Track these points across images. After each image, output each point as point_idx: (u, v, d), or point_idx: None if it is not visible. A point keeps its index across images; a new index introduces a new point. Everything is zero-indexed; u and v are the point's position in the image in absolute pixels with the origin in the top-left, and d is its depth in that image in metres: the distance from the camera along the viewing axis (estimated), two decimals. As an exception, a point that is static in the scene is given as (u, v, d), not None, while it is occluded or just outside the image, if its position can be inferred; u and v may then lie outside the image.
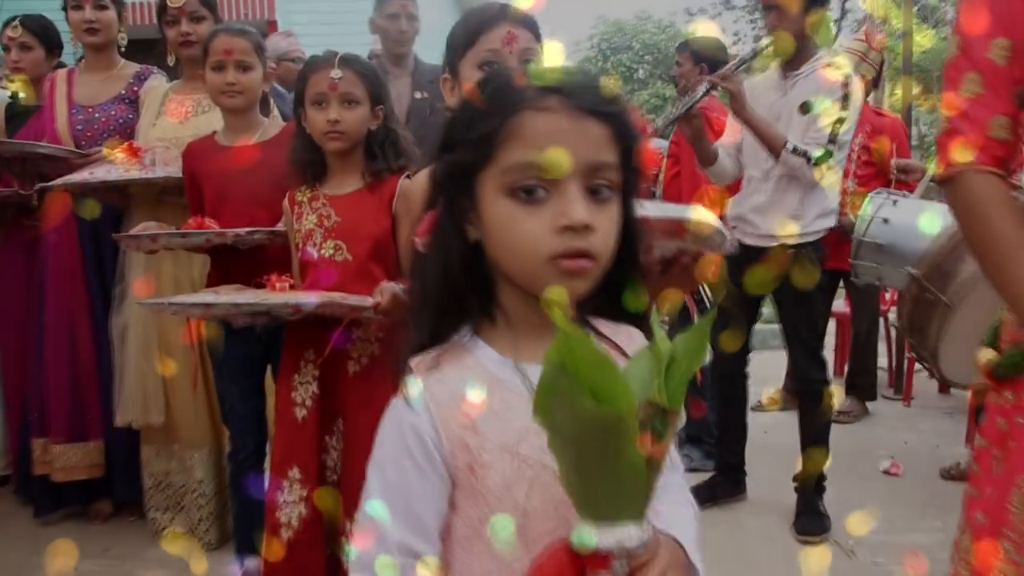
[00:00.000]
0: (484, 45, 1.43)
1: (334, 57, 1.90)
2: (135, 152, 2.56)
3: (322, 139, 1.90)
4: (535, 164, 0.80)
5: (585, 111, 0.82)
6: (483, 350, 0.87)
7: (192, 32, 2.66)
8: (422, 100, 3.22)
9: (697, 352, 0.78)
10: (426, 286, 0.89)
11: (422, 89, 3.26)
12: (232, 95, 2.22)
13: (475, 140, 0.84)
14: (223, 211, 2.24)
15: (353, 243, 1.89)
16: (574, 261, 0.80)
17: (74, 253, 2.87)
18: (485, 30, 1.43)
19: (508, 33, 1.42)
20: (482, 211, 0.85)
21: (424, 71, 3.34)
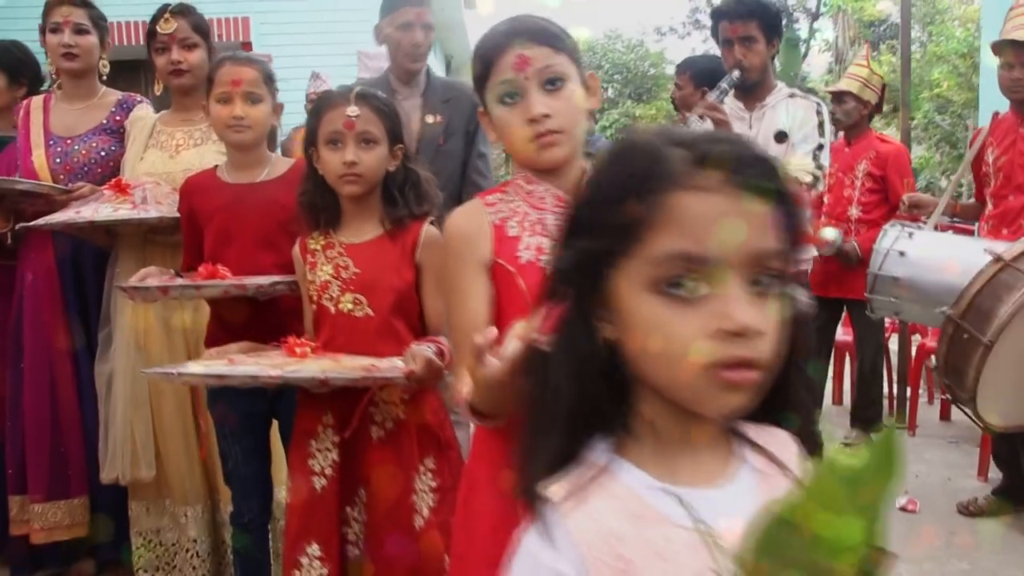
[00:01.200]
0: (497, 76, 1.30)
1: (350, 93, 1.75)
2: (124, 189, 2.38)
3: (337, 182, 1.75)
4: (690, 255, 0.67)
5: (747, 189, 0.68)
6: (630, 473, 0.73)
7: (183, 60, 2.49)
8: (434, 125, 2.81)
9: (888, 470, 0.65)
10: (552, 393, 0.75)
11: (435, 112, 2.82)
12: (240, 130, 2.06)
13: (612, 225, 0.70)
14: (225, 253, 2.08)
15: (374, 297, 1.73)
16: (737, 372, 0.67)
17: (54, 295, 2.66)
18: (495, 59, 1.30)
19: (518, 58, 1.27)
20: (620, 308, 0.71)
21: (436, 90, 2.88)
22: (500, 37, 1.31)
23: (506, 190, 1.38)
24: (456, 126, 2.80)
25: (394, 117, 1.78)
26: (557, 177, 1.33)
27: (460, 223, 1.34)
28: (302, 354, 1.57)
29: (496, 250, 1.30)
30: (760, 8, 2.78)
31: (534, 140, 1.28)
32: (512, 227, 1.32)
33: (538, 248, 1.30)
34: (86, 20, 2.71)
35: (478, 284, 1.30)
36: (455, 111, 2.79)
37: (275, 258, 2.07)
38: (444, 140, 2.78)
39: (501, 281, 1.30)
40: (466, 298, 1.30)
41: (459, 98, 2.81)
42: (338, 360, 1.57)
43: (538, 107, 1.27)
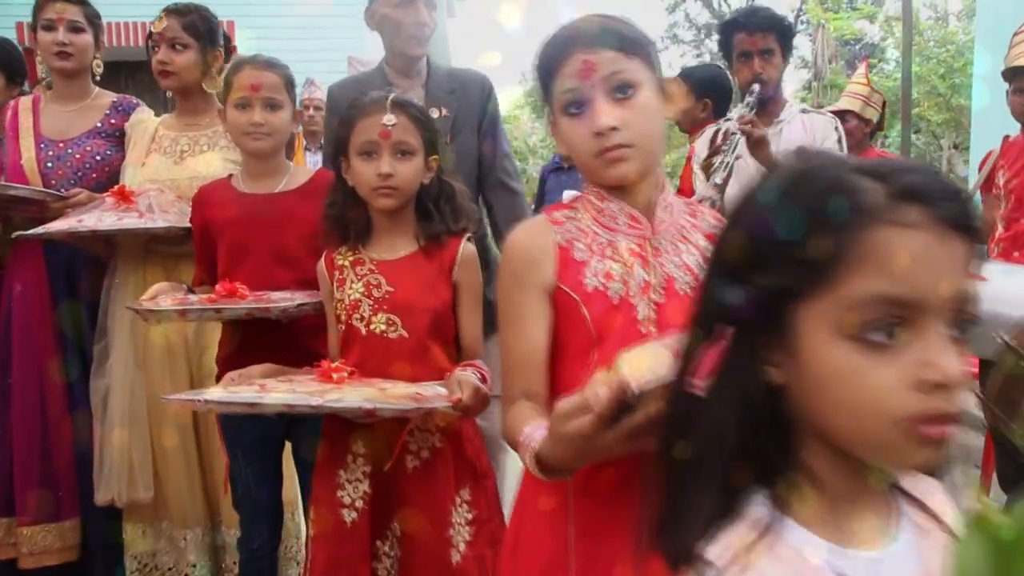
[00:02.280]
0: (560, 86, 1.21)
1: (385, 100, 1.66)
2: (127, 196, 2.26)
3: (371, 195, 1.65)
4: (893, 298, 0.61)
5: (950, 225, 0.62)
6: (796, 533, 0.66)
7: (169, 62, 2.38)
8: (439, 120, 2.44)
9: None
10: (711, 444, 0.67)
11: (439, 104, 2.45)
12: (258, 137, 1.96)
13: (798, 262, 0.63)
14: (240, 268, 1.98)
15: (409, 317, 1.63)
16: (936, 427, 0.61)
17: (45, 306, 2.52)
18: (557, 68, 1.21)
19: (583, 63, 1.17)
20: (800, 351, 0.64)
21: (440, 80, 2.51)
22: (564, 40, 1.22)
23: (575, 206, 1.28)
24: (465, 120, 2.45)
25: (430, 126, 1.69)
26: (630, 194, 1.24)
27: (523, 242, 1.25)
28: (339, 380, 1.46)
29: (560, 275, 1.21)
30: (777, 21, 2.72)
31: (600, 155, 1.19)
32: (579, 249, 1.23)
33: (607, 275, 1.21)
34: (81, 17, 2.59)
35: (538, 311, 1.21)
36: (463, 103, 2.46)
37: (293, 274, 1.97)
38: (452, 137, 2.41)
39: (563, 309, 1.21)
40: (524, 326, 1.21)
41: (466, 88, 2.47)
42: (376, 385, 1.46)
43: (604, 119, 1.17)
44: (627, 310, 1.20)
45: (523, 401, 1.19)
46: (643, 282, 1.20)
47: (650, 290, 1.21)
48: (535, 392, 1.20)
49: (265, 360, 1.90)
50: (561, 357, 1.23)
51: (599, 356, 1.20)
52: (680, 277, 1.22)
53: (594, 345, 1.20)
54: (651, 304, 1.21)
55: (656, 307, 1.21)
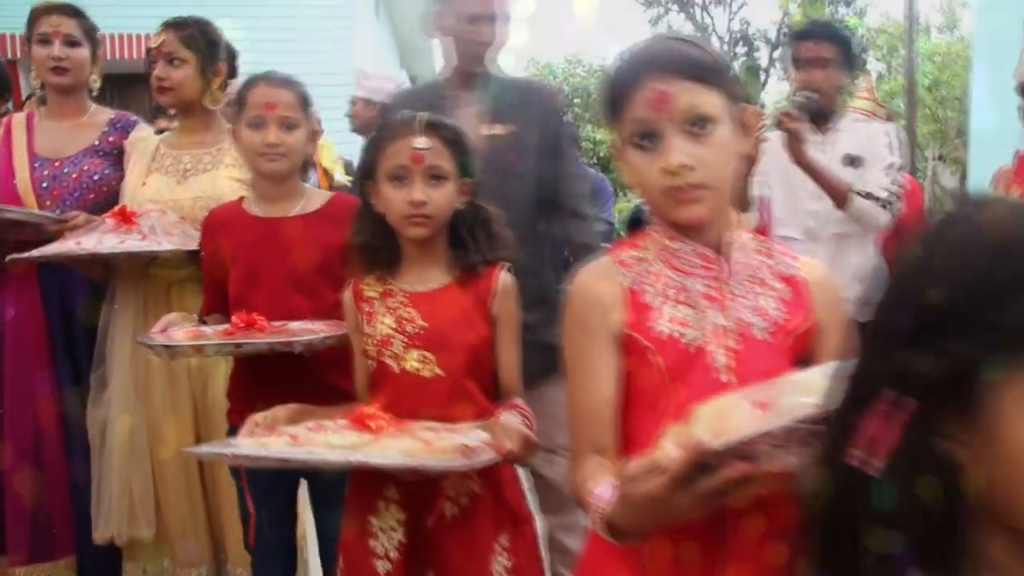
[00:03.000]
0: (630, 114, 1.12)
1: (415, 121, 1.56)
2: (129, 218, 2.15)
3: (402, 223, 1.55)
4: None
5: None
6: None
7: (166, 77, 2.28)
8: (501, 138, 2.16)
9: None
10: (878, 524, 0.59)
11: (503, 119, 2.16)
12: (273, 158, 1.86)
13: (1000, 330, 0.56)
14: (253, 296, 1.87)
15: (445, 355, 1.53)
16: None
17: (39, 332, 2.40)
18: (627, 95, 1.12)
19: (656, 94, 1.08)
20: (996, 429, 0.56)
21: (504, 92, 2.22)
22: (636, 66, 1.13)
23: (643, 246, 1.20)
24: (531, 139, 2.17)
25: (464, 147, 1.60)
26: (701, 233, 1.16)
27: (589, 285, 1.17)
28: (377, 428, 1.35)
29: (629, 320, 1.14)
30: (838, 33, 2.72)
31: (670, 194, 1.11)
32: (649, 293, 1.15)
33: (680, 321, 1.14)
34: (77, 31, 2.48)
35: (606, 360, 1.14)
36: (528, 119, 2.18)
37: (310, 302, 1.87)
38: (516, 158, 2.14)
39: (633, 357, 1.14)
40: (591, 377, 1.14)
41: (534, 102, 2.21)
42: (415, 433, 1.35)
43: (677, 156, 1.09)
44: (702, 357, 1.13)
45: (592, 456, 1.13)
46: (719, 328, 1.14)
47: (726, 336, 1.14)
48: (604, 446, 1.13)
49: (281, 395, 1.79)
50: (632, 408, 1.16)
51: (673, 407, 1.12)
52: (756, 322, 1.15)
53: (667, 395, 1.13)
54: (727, 351, 1.14)
55: (732, 354, 1.14)
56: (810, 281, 1.20)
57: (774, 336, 1.16)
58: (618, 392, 1.14)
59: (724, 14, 18.82)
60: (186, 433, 2.27)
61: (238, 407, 1.94)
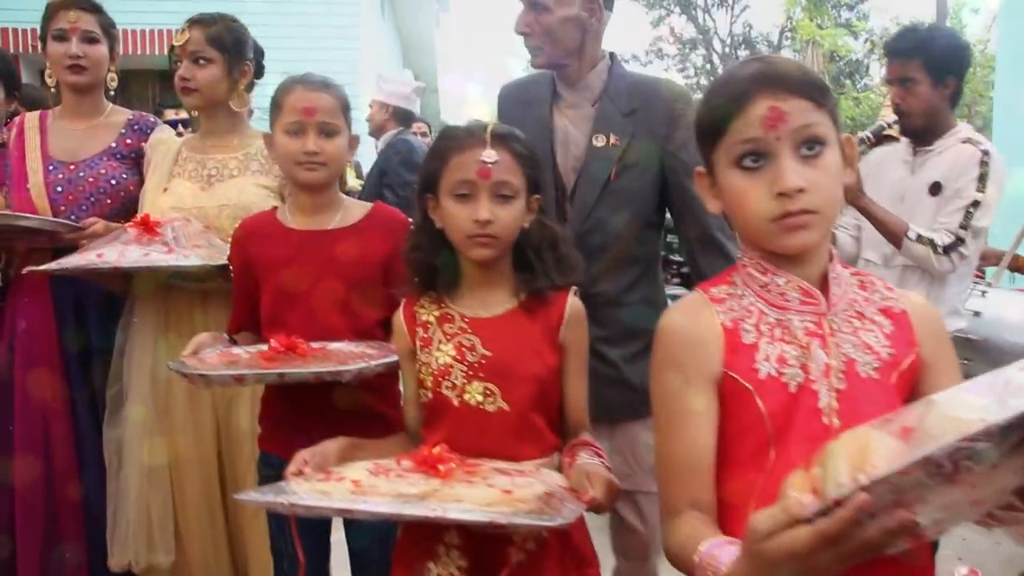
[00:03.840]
0: (738, 134, 1.05)
1: (483, 131, 1.43)
2: (151, 227, 2.02)
3: (465, 243, 1.42)
4: None
5: None
6: None
7: (191, 78, 2.16)
8: (605, 149, 1.86)
9: None
10: None
11: (608, 129, 1.87)
12: (312, 167, 1.74)
13: None
14: (288, 315, 1.75)
15: (510, 387, 1.40)
16: None
17: (51, 346, 2.27)
18: (737, 111, 1.05)
19: (771, 111, 1.02)
20: None
21: (619, 95, 1.89)
22: (747, 82, 1.05)
23: (733, 280, 1.13)
24: (641, 153, 1.85)
25: (534, 162, 1.47)
26: (801, 265, 1.08)
27: (684, 324, 1.09)
28: (447, 473, 1.23)
29: (728, 361, 1.06)
30: (923, 45, 2.46)
31: (780, 220, 1.03)
32: (747, 331, 1.07)
33: (780, 359, 1.06)
34: (96, 27, 2.35)
35: (705, 406, 1.06)
36: (641, 127, 1.86)
37: (348, 321, 1.75)
38: (616, 174, 1.84)
39: (732, 400, 1.06)
40: (689, 424, 1.06)
41: (650, 106, 1.87)
42: (488, 478, 1.21)
43: (793, 178, 1.02)
44: (807, 399, 1.05)
45: (691, 512, 1.04)
46: (823, 366, 1.06)
47: (830, 375, 1.06)
48: (704, 501, 1.05)
49: (316, 420, 1.67)
50: (729, 458, 1.07)
51: (777, 455, 1.04)
52: (861, 358, 1.08)
53: (771, 442, 1.04)
54: (832, 391, 1.05)
55: (836, 394, 1.05)
56: (911, 312, 1.14)
57: (881, 373, 1.08)
58: (714, 441, 1.06)
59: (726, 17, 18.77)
60: (208, 455, 2.15)
61: (270, 433, 1.82)
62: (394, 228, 1.82)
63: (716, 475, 1.07)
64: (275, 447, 1.79)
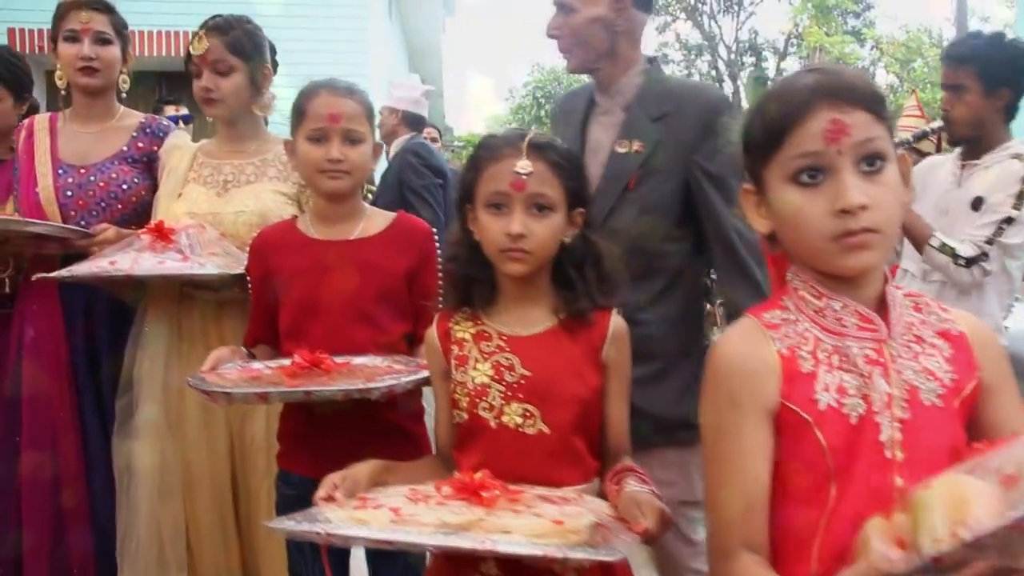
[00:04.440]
0: (795, 147, 1.00)
1: (520, 141, 1.37)
2: (166, 234, 1.96)
3: (498, 256, 1.36)
4: None
5: None
6: None
7: (215, 89, 2.07)
8: (627, 156, 1.76)
9: None
10: None
11: (634, 135, 1.76)
12: (336, 175, 1.68)
13: None
14: (310, 327, 1.69)
15: (551, 409, 1.33)
16: None
17: (59, 355, 2.20)
18: (793, 124, 0.99)
19: (833, 123, 0.98)
20: None
21: (649, 100, 1.78)
22: (805, 93, 1.00)
23: (785, 305, 1.07)
24: (664, 160, 1.74)
25: (576, 173, 1.41)
26: (857, 288, 1.03)
27: (738, 353, 1.03)
28: (490, 501, 1.16)
29: (785, 391, 1.00)
30: (977, 52, 2.39)
31: (840, 239, 0.98)
32: (804, 359, 1.02)
33: (839, 388, 1.00)
34: (108, 28, 2.29)
35: (761, 440, 1.00)
36: (669, 133, 1.74)
37: (371, 334, 1.69)
38: (635, 182, 1.74)
39: (790, 433, 1.00)
40: (744, 460, 1.00)
41: (681, 111, 1.75)
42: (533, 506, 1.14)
43: (855, 194, 0.97)
44: (868, 431, 1.00)
45: (746, 554, 0.98)
46: (885, 396, 1.00)
47: (892, 404, 1.00)
48: (759, 542, 0.99)
49: (338, 437, 1.62)
50: (786, 494, 1.01)
51: (839, 491, 0.99)
52: (924, 385, 1.02)
53: (831, 477, 0.99)
54: (895, 422, 1.00)
55: (899, 424, 1.00)
56: (969, 334, 1.08)
57: (944, 400, 1.03)
58: (770, 476, 1.01)
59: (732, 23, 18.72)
60: (221, 469, 2.09)
61: (290, 450, 1.76)
62: (418, 239, 1.77)
63: (771, 513, 1.01)
64: (295, 465, 1.73)
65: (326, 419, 1.65)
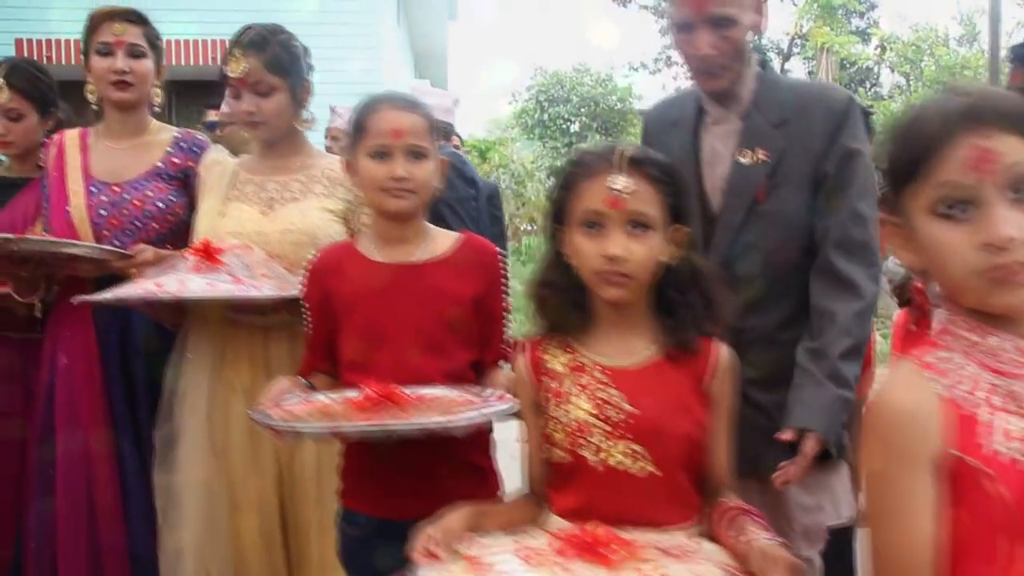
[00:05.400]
0: (939, 176, 0.90)
1: (615, 155, 1.27)
2: (213, 255, 1.85)
3: (595, 281, 1.27)
4: None
5: None
6: None
7: (258, 111, 1.96)
8: (752, 167, 1.63)
9: None
10: None
11: (756, 143, 1.63)
12: (400, 194, 1.57)
13: None
14: (376, 357, 1.57)
15: (660, 448, 1.24)
16: None
17: (95, 383, 2.09)
18: (935, 152, 0.90)
19: (980, 152, 0.88)
20: None
21: (769, 106, 1.65)
22: (949, 116, 0.91)
23: (944, 344, 0.97)
24: (794, 166, 1.61)
25: (676, 189, 1.31)
26: (1016, 324, 0.94)
27: (902, 403, 0.94)
28: (614, 561, 1.04)
29: (952, 439, 0.91)
30: None
31: (990, 274, 0.89)
32: (971, 403, 0.92)
33: (1010, 434, 0.91)
34: (142, 40, 2.19)
35: (929, 495, 0.91)
36: (795, 139, 1.61)
37: (439, 363, 1.58)
38: (765, 194, 1.61)
39: (960, 484, 0.91)
40: (911, 517, 0.91)
41: (807, 116, 1.62)
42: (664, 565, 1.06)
43: (1008, 228, 0.88)
44: None
45: None
46: None
47: None
48: None
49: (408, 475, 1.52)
50: (958, 552, 0.92)
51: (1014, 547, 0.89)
52: None
53: (1015, 536, 0.89)
54: None
55: None
56: None
57: None
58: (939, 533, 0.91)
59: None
60: (269, 502, 1.96)
61: (355, 487, 1.64)
62: (486, 261, 1.66)
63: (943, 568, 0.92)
64: (361, 504, 1.62)
65: (392, 455, 1.53)
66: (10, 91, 2.32)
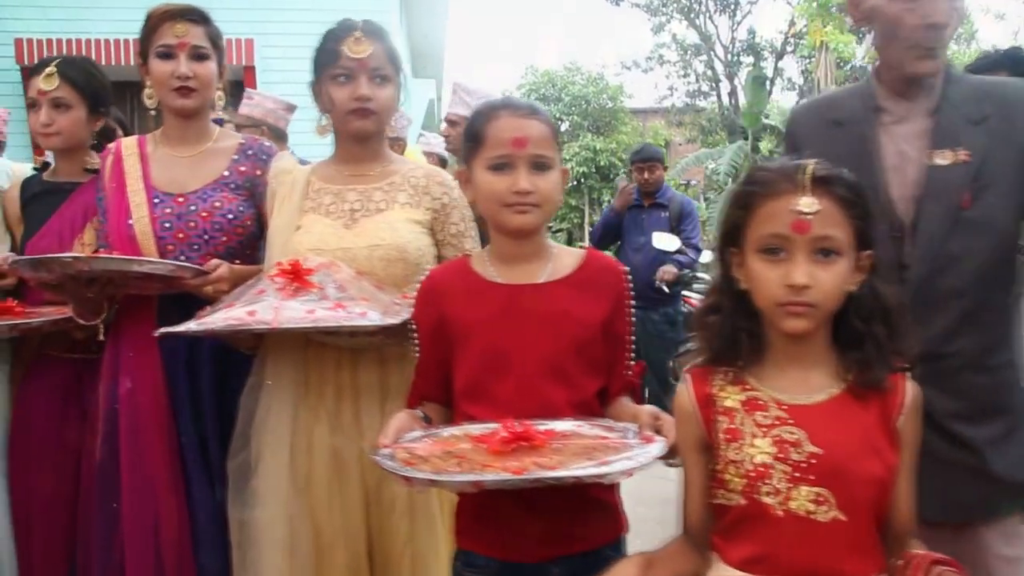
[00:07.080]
0: None
1: (802, 174, 1.15)
2: (301, 276, 1.72)
3: (776, 312, 1.16)
4: None
5: None
6: None
7: (373, 98, 1.83)
8: (951, 168, 1.48)
9: None
10: None
11: (954, 142, 1.48)
12: (524, 208, 1.44)
13: None
14: (496, 386, 1.45)
15: (847, 493, 1.13)
16: None
17: (162, 411, 1.95)
18: None
19: None
20: None
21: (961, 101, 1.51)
22: None
23: None
24: (1000, 168, 1.47)
25: (865, 211, 1.19)
26: None
27: None
28: None
29: None
30: None
31: None
32: None
33: None
34: (205, 41, 2.06)
35: None
36: (1000, 138, 1.48)
37: (566, 393, 1.46)
38: (972, 198, 1.46)
39: None
40: None
41: (1009, 111, 1.49)
42: None
43: None
44: None
45: None
46: None
47: None
48: None
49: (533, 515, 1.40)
50: None
51: None
52: None
53: None
54: None
55: None
56: None
57: None
58: None
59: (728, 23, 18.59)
60: (356, 537, 1.83)
61: (472, 528, 1.51)
62: (613, 281, 1.54)
63: None
64: (480, 545, 1.49)
65: (517, 493, 1.41)
66: (60, 79, 2.18)
